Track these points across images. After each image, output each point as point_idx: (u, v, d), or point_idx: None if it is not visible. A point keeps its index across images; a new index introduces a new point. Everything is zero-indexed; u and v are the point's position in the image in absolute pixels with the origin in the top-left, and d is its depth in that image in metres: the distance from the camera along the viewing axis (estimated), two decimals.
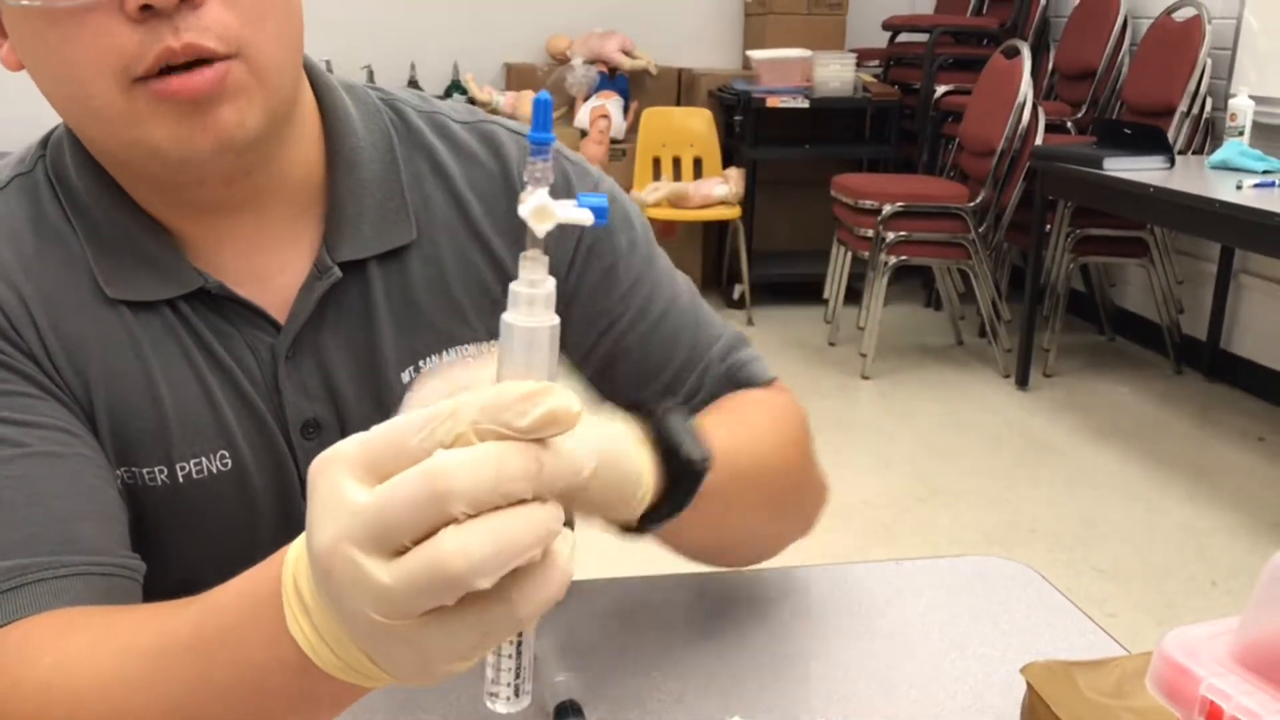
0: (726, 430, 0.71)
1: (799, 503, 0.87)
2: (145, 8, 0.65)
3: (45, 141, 0.81)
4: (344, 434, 0.79)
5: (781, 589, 0.91)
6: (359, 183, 0.81)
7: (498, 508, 0.41)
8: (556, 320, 0.43)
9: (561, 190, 0.86)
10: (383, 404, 0.82)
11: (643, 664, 0.80)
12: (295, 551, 0.48)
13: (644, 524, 0.62)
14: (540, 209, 0.42)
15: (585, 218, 0.43)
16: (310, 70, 0.81)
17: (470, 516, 0.40)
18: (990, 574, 0.95)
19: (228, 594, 0.54)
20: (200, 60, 0.67)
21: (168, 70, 0.67)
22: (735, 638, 0.84)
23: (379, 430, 0.43)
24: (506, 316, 0.43)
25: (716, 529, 0.75)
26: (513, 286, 0.43)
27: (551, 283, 0.43)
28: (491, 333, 0.83)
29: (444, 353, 0.83)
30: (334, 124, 0.81)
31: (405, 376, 0.82)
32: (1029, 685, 0.71)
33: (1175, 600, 2.64)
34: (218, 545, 0.80)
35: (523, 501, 0.41)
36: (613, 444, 0.57)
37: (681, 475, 0.62)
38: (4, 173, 0.80)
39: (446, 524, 0.40)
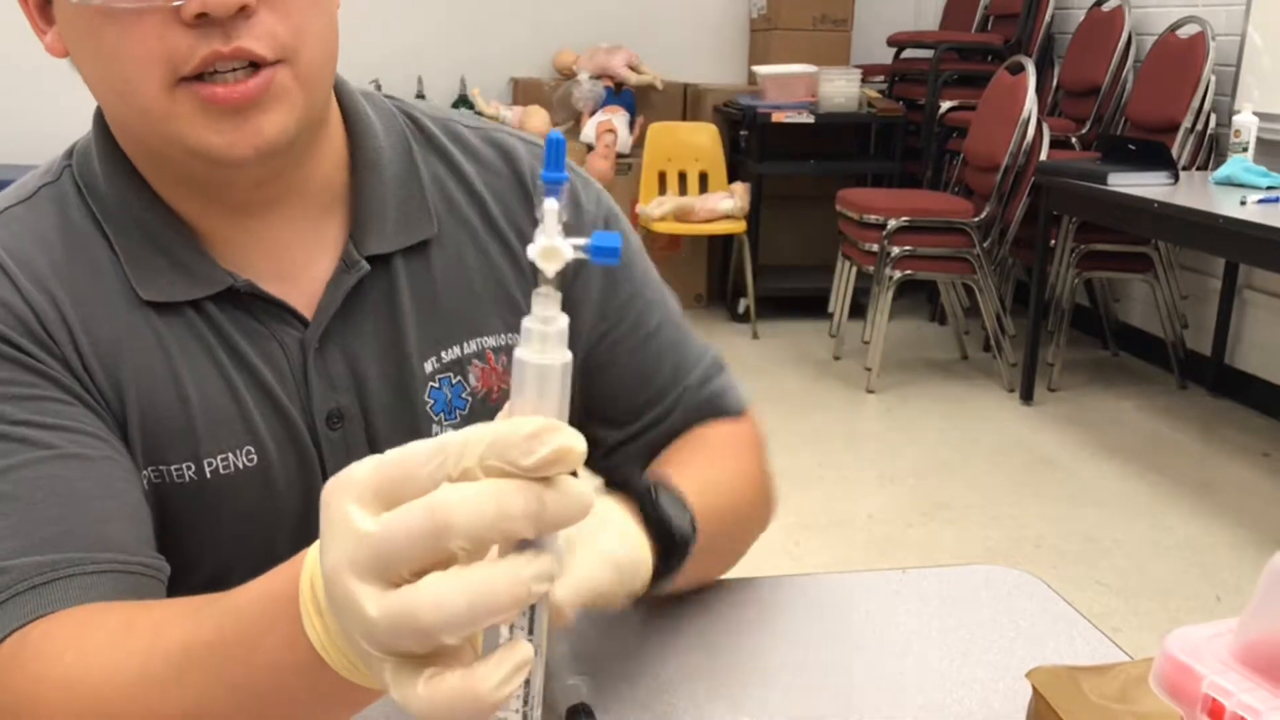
0: (700, 484, 0.78)
1: (759, 526, 0.94)
2: (201, 15, 0.67)
3: (70, 152, 0.83)
4: (367, 422, 0.84)
5: (789, 596, 0.92)
6: (381, 181, 0.84)
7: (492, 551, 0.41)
8: (568, 357, 0.43)
9: (570, 204, 0.89)
10: (406, 393, 0.84)
11: (654, 669, 0.81)
12: (315, 553, 0.49)
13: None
14: (549, 249, 0.42)
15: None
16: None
17: (469, 553, 0.41)
18: (996, 582, 0.96)
19: (248, 595, 0.55)
20: (248, 64, 0.70)
21: (213, 73, 0.70)
22: (744, 644, 0.85)
23: (392, 456, 0.43)
24: (518, 352, 0.43)
25: (691, 574, 0.78)
26: (525, 322, 0.43)
27: (564, 320, 0.43)
28: (508, 327, 0.87)
29: (464, 344, 0.86)
30: (356, 127, 0.85)
31: (428, 367, 0.85)
32: (1034, 689, 0.72)
33: (1179, 615, 2.64)
34: (241, 541, 0.82)
35: (525, 544, 0.42)
36: (629, 551, 0.66)
37: (672, 550, 0.71)
38: (31, 183, 0.82)
39: (446, 558, 0.41)
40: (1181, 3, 4.33)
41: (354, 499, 0.43)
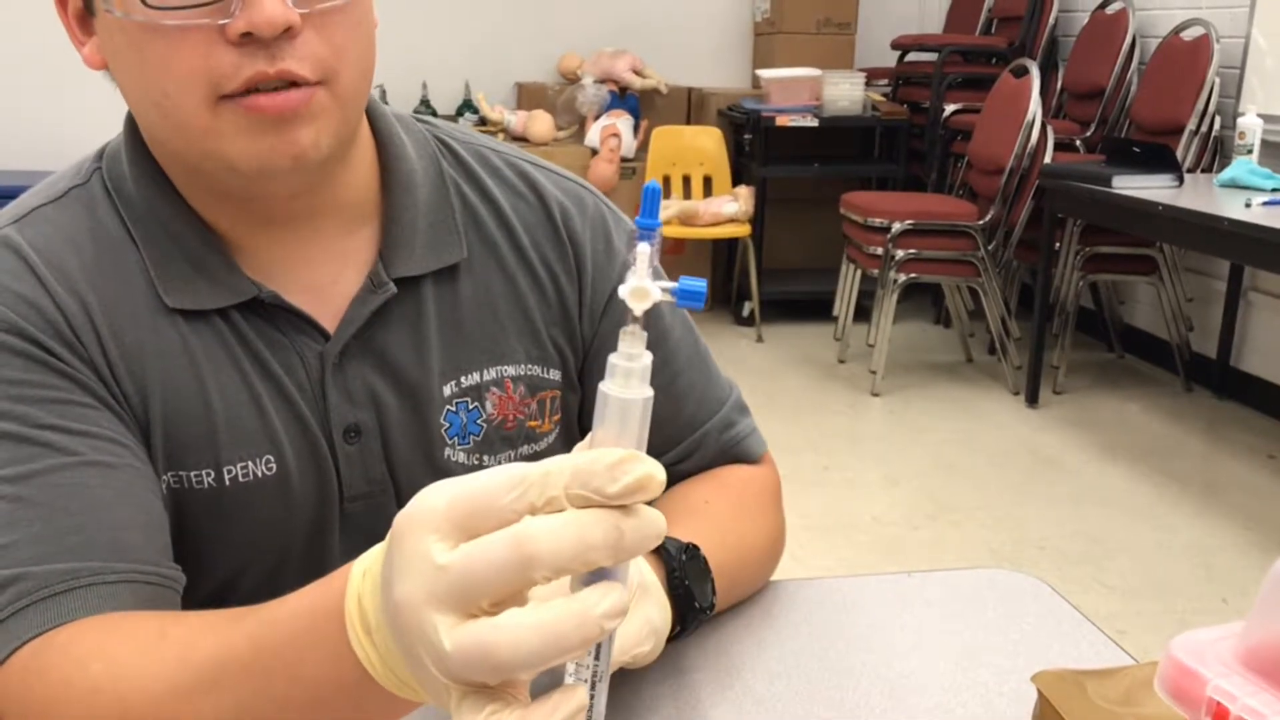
0: (721, 542, 0.83)
1: (768, 576, 0.95)
2: (246, 34, 0.68)
3: (100, 154, 0.83)
4: (384, 439, 0.84)
5: (794, 600, 0.92)
6: (413, 204, 0.84)
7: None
8: (650, 393, 0.45)
9: (599, 230, 0.92)
10: (421, 414, 0.85)
11: (657, 673, 0.81)
12: (360, 570, 0.49)
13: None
14: (639, 289, 0.44)
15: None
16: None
17: (547, 581, 0.42)
18: (1001, 586, 0.96)
19: (287, 609, 0.55)
20: (289, 83, 0.70)
21: (255, 90, 0.70)
22: (749, 647, 0.85)
23: (467, 487, 0.44)
24: (603, 386, 0.44)
25: None
26: (611, 358, 0.45)
27: (648, 357, 0.45)
28: (529, 357, 0.88)
29: (484, 370, 0.87)
30: (388, 149, 0.85)
31: (447, 390, 0.85)
32: (1039, 692, 0.72)
33: (1184, 617, 2.64)
34: (254, 548, 0.82)
35: (599, 572, 0.43)
36: (665, 621, 0.71)
37: (689, 616, 0.77)
38: (60, 184, 0.82)
39: (527, 588, 0.42)
40: (1185, 5, 4.33)
41: (431, 530, 0.43)
